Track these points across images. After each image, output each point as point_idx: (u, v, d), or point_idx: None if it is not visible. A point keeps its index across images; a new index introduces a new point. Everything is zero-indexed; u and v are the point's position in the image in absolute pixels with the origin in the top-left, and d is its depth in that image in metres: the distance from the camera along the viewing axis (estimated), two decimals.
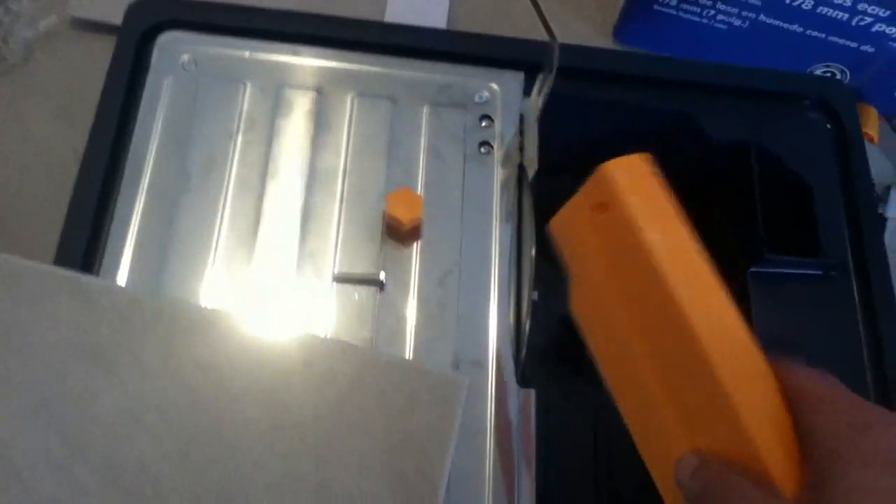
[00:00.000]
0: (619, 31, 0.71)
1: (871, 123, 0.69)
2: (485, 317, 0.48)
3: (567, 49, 0.49)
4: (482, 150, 0.54)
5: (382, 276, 0.48)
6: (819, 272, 0.52)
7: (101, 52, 0.55)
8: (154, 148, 0.51)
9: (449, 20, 0.66)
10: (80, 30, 0.59)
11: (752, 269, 0.50)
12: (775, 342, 0.31)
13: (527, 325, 0.46)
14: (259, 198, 0.50)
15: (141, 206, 0.49)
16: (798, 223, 0.54)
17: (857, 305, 0.52)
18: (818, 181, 0.55)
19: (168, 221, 0.49)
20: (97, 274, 0.47)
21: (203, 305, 0.46)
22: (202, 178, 0.50)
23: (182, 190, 0.50)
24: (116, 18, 0.54)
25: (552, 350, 0.51)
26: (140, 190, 0.49)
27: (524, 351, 0.47)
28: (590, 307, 0.36)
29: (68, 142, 0.57)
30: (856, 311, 0.51)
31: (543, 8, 0.48)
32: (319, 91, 0.54)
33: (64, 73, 0.59)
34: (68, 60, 0.59)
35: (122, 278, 0.47)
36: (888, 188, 0.68)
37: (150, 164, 0.50)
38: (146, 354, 0.43)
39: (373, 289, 0.48)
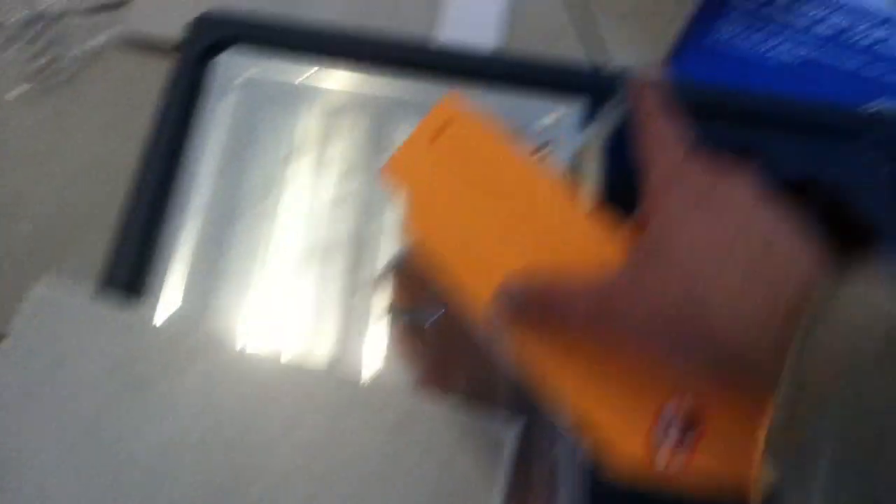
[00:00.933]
0: (673, 62, 0.69)
1: None
2: None
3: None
4: None
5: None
6: None
7: (150, 71, 0.56)
8: (207, 170, 0.50)
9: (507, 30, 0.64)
10: (130, 48, 0.59)
11: None
12: None
13: None
14: (312, 225, 0.49)
15: (192, 228, 0.49)
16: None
17: None
18: (880, 221, 0.53)
19: (218, 246, 0.48)
20: (144, 295, 0.46)
21: (244, 346, 0.45)
22: (255, 202, 0.50)
23: (234, 214, 0.49)
24: (173, 33, 0.55)
25: None
26: (191, 212, 0.49)
27: None
28: (431, 221, 0.40)
29: (114, 159, 0.56)
30: None
31: (595, 36, 0.47)
32: (374, 117, 0.53)
33: (113, 91, 0.58)
34: (118, 78, 0.59)
35: (169, 301, 0.47)
36: None
37: (203, 186, 0.50)
38: (187, 391, 0.42)
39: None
